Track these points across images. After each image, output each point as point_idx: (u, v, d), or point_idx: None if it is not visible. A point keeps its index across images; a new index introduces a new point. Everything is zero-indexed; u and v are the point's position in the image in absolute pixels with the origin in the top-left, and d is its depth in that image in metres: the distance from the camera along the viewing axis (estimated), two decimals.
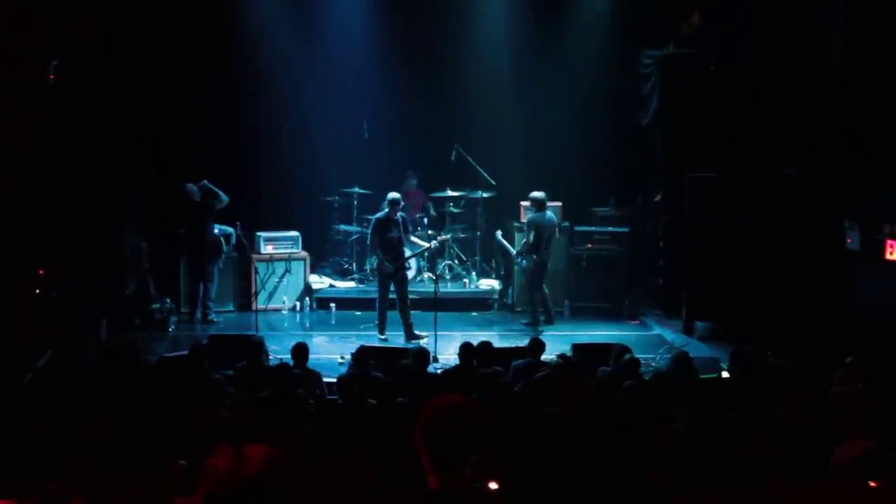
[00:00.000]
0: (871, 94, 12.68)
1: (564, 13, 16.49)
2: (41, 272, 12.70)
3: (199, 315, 14.38)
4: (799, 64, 13.86)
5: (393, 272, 13.30)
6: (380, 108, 16.17)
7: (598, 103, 16.39)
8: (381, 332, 13.37)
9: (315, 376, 9.90)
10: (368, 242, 14.10)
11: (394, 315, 13.57)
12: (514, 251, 14.53)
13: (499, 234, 14.85)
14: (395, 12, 16.25)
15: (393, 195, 13.46)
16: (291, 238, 15.33)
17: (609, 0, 16.32)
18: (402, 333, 13.34)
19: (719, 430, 7.41)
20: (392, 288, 13.51)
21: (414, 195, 16.36)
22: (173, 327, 14.00)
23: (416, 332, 13.15)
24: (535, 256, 14.01)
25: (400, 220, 13.34)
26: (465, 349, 10.02)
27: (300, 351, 10.03)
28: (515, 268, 14.89)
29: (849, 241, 12.92)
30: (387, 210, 13.39)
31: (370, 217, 15.44)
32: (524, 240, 14.26)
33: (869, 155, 12.62)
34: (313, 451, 7.10)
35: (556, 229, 14.34)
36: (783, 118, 13.97)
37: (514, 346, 11.91)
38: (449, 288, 15.47)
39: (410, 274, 14.67)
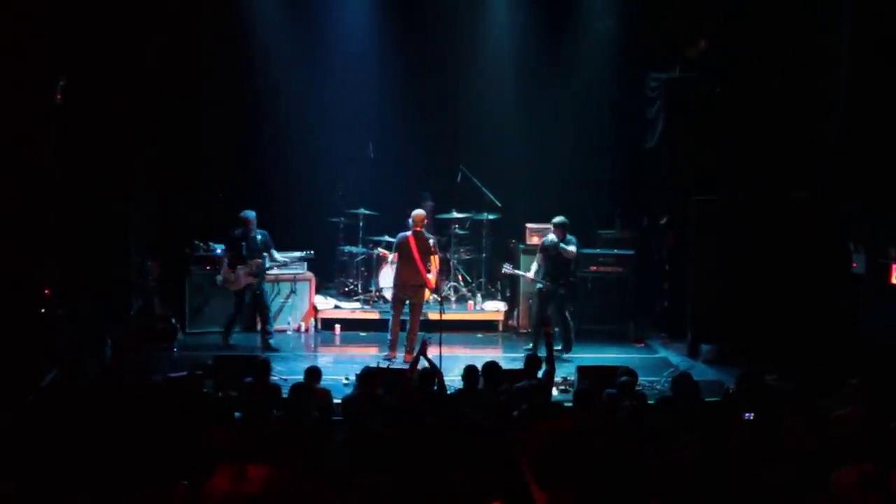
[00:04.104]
0: (878, 116, 12.70)
1: (571, 35, 16.52)
2: (47, 291, 12.73)
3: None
4: (805, 86, 13.88)
5: None
6: (386, 129, 16.22)
7: (604, 125, 16.42)
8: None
9: (325, 395, 9.89)
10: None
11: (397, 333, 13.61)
12: (526, 274, 14.25)
13: (506, 267, 14.55)
14: (401, 34, 16.32)
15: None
16: (297, 259, 15.32)
17: (616, 23, 16.35)
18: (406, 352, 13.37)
19: (723, 453, 7.40)
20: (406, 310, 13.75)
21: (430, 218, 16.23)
22: (177, 347, 13.96)
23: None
24: (547, 280, 13.83)
25: None
26: (470, 371, 9.97)
27: (313, 373, 10.06)
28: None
29: (854, 265, 12.92)
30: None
31: (375, 238, 15.48)
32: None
33: (875, 178, 12.63)
34: (317, 472, 7.09)
35: (560, 250, 14.02)
36: (789, 141, 13.99)
37: (519, 368, 11.88)
38: (454, 309, 15.47)
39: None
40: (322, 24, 16.37)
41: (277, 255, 14.24)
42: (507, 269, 14.42)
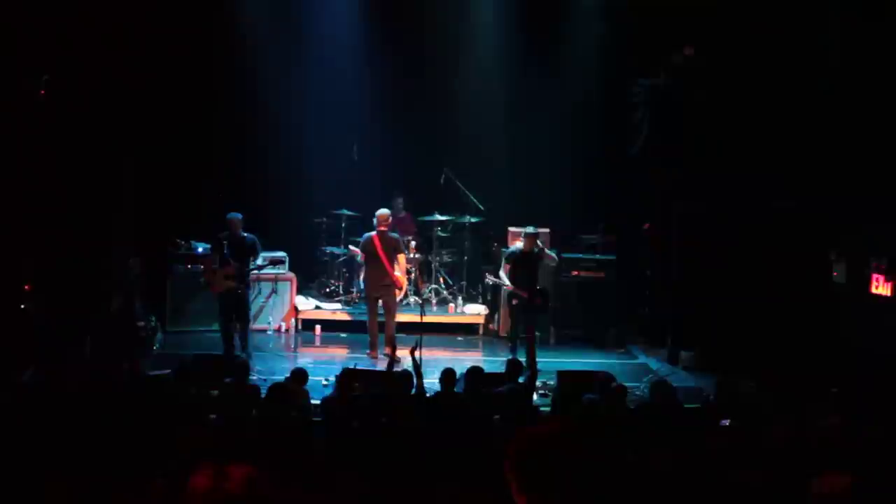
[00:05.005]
0: (862, 127, 12.75)
1: (557, 39, 16.53)
2: (27, 287, 12.67)
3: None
4: (790, 95, 13.90)
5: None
6: (370, 130, 16.18)
7: (588, 130, 16.40)
8: None
9: (303, 395, 9.88)
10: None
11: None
12: (507, 283, 14.00)
13: (489, 278, 14.26)
14: (386, 35, 16.29)
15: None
16: (279, 259, 15.26)
17: (602, 28, 16.35)
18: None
19: (701, 459, 7.42)
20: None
21: (401, 218, 16.19)
22: (157, 346, 13.89)
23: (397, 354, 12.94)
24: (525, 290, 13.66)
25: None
26: (448, 374, 9.94)
27: (299, 374, 10.05)
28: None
29: (835, 273, 12.97)
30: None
31: (356, 239, 15.44)
32: None
33: (858, 188, 12.68)
34: (295, 471, 7.08)
35: (546, 256, 13.91)
36: (773, 150, 14.00)
37: (500, 371, 11.86)
38: (435, 312, 15.46)
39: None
40: (306, 26, 16.34)
41: (259, 260, 13.52)
42: (489, 279, 14.24)
